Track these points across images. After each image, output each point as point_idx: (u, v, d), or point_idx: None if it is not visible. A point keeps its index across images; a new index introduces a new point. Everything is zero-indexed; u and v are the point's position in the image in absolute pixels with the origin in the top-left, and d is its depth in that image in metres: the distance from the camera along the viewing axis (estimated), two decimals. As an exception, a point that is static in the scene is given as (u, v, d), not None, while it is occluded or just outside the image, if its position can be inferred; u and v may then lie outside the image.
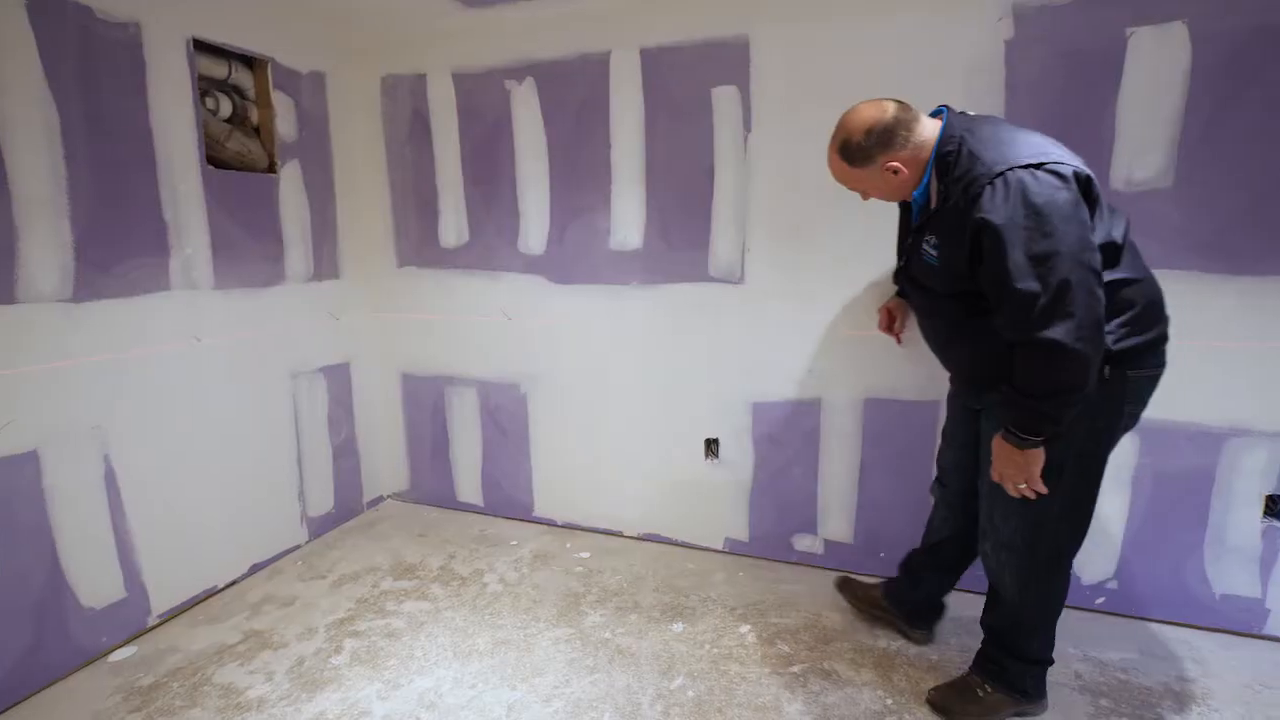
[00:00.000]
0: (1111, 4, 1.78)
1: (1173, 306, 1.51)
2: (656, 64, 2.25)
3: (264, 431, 2.36)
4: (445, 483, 2.83)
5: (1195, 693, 1.67)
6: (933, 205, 1.41)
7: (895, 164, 1.42)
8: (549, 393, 2.59)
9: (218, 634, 2.00)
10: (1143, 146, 1.81)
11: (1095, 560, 2.00)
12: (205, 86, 2.18)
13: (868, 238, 2.09)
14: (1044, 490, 1.39)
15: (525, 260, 2.55)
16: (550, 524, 2.67)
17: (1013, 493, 1.42)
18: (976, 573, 2.16)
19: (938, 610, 1.89)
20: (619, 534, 2.58)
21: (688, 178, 2.27)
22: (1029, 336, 1.26)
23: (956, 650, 1.85)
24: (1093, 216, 1.30)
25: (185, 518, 2.11)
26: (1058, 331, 1.23)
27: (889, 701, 1.67)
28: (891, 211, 2.05)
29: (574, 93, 2.37)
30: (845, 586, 2.04)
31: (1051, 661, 1.60)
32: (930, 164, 1.40)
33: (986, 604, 1.64)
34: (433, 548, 2.51)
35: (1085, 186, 1.29)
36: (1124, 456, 1.92)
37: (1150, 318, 1.39)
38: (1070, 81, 1.84)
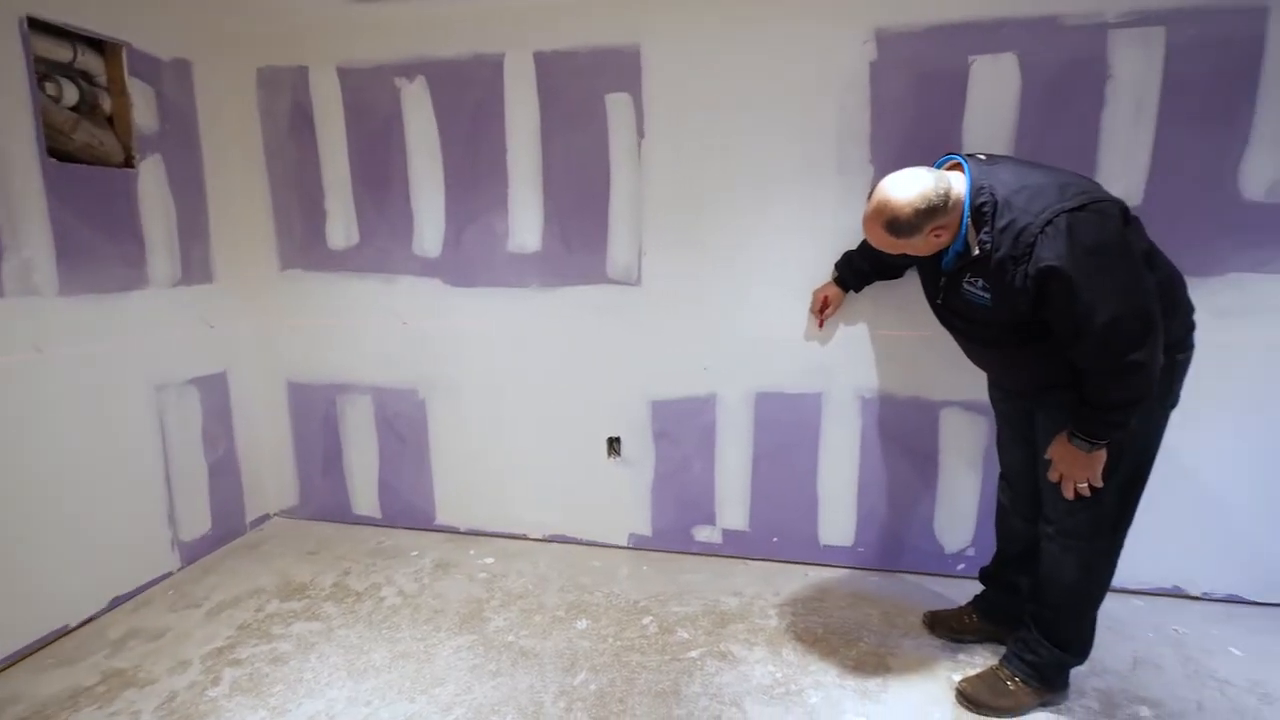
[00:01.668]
0: (956, 34, 2.00)
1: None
2: (551, 68, 2.27)
3: (123, 450, 2.15)
4: (339, 496, 2.70)
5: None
6: (974, 253, 1.46)
7: (940, 229, 1.48)
8: (449, 397, 2.54)
9: (71, 676, 1.80)
10: (985, 161, 2.04)
11: (956, 532, 2.23)
12: (45, 70, 1.96)
13: (756, 240, 2.21)
14: (1100, 485, 1.48)
15: (421, 263, 2.48)
16: (453, 531, 2.61)
17: (1069, 494, 1.50)
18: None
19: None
20: (524, 537, 2.57)
21: (584, 181, 2.31)
22: (1111, 363, 1.35)
23: (839, 621, 2.00)
24: None
25: (27, 551, 1.88)
26: (1136, 355, 1.33)
27: (778, 675, 1.78)
28: (776, 217, 2.19)
29: (468, 93, 2.34)
30: (937, 626, 1.94)
31: (1086, 657, 1.65)
32: (965, 216, 1.47)
33: (1033, 593, 1.68)
34: (325, 565, 2.38)
35: (1124, 214, 1.40)
36: (976, 439, 2.15)
37: (1184, 305, 1.52)
38: (926, 101, 2.04)
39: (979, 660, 1.82)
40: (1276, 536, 2.03)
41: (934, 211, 1.45)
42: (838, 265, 2.11)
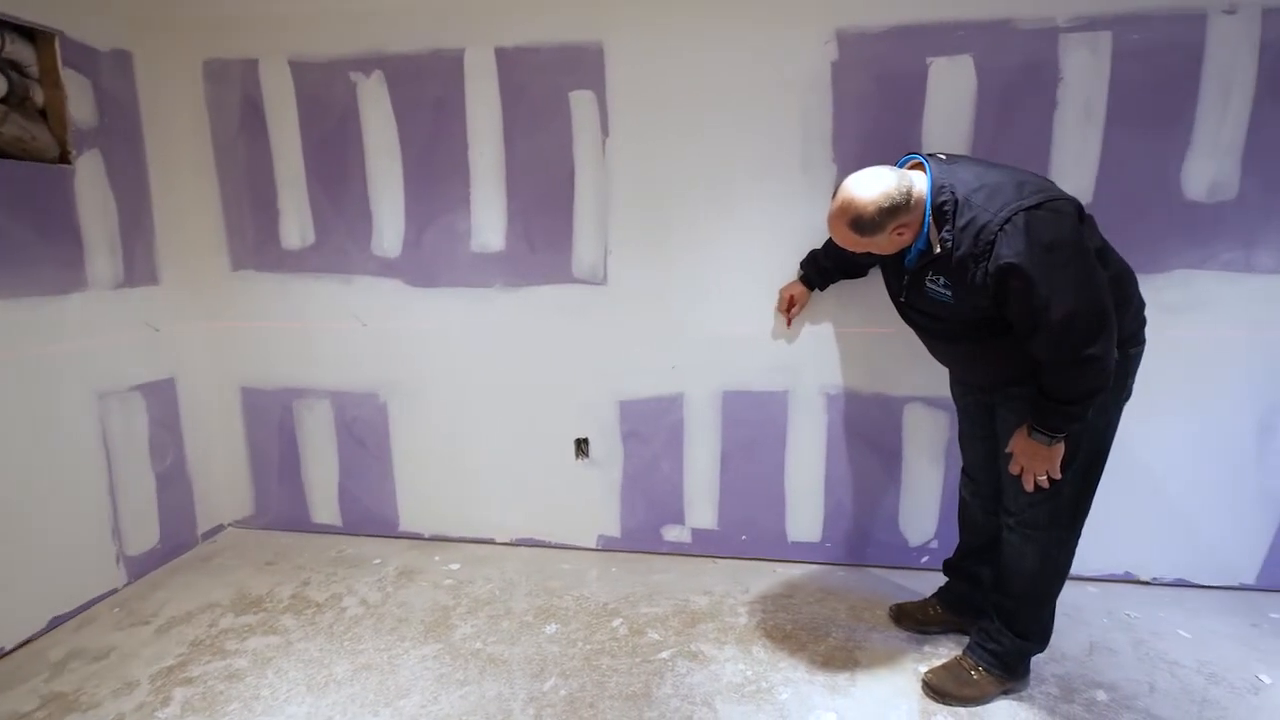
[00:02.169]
0: (914, 35, 2.03)
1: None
2: (513, 64, 2.23)
3: (63, 462, 2.04)
4: (297, 504, 2.61)
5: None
6: (936, 250, 1.49)
7: (903, 227, 1.50)
8: (412, 401, 2.48)
9: (7, 703, 1.70)
10: (943, 161, 2.08)
11: (920, 526, 2.27)
12: (-33, 59, 1.85)
13: (722, 238, 2.21)
14: (1060, 477, 1.52)
15: (380, 263, 2.42)
16: (417, 538, 2.55)
17: (1029, 486, 1.54)
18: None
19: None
20: (491, 541, 2.52)
21: (548, 180, 2.28)
22: (1068, 356, 1.39)
23: (808, 617, 2.02)
24: None
25: (-44, 570, 1.77)
26: (1092, 349, 1.37)
27: (749, 673, 1.78)
28: (742, 215, 2.19)
29: (427, 89, 2.29)
30: (903, 618, 1.97)
31: (1046, 644, 1.69)
32: (927, 215, 1.49)
33: (995, 584, 1.72)
34: (283, 576, 2.30)
35: (1079, 211, 1.43)
36: (938, 433, 2.19)
37: (1136, 300, 1.57)
38: (886, 101, 2.07)
39: (944, 651, 1.85)
40: (1220, 522, 2.12)
41: (896, 210, 1.47)
42: (803, 264, 2.13)
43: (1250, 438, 2.07)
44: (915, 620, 1.96)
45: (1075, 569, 2.21)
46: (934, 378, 2.14)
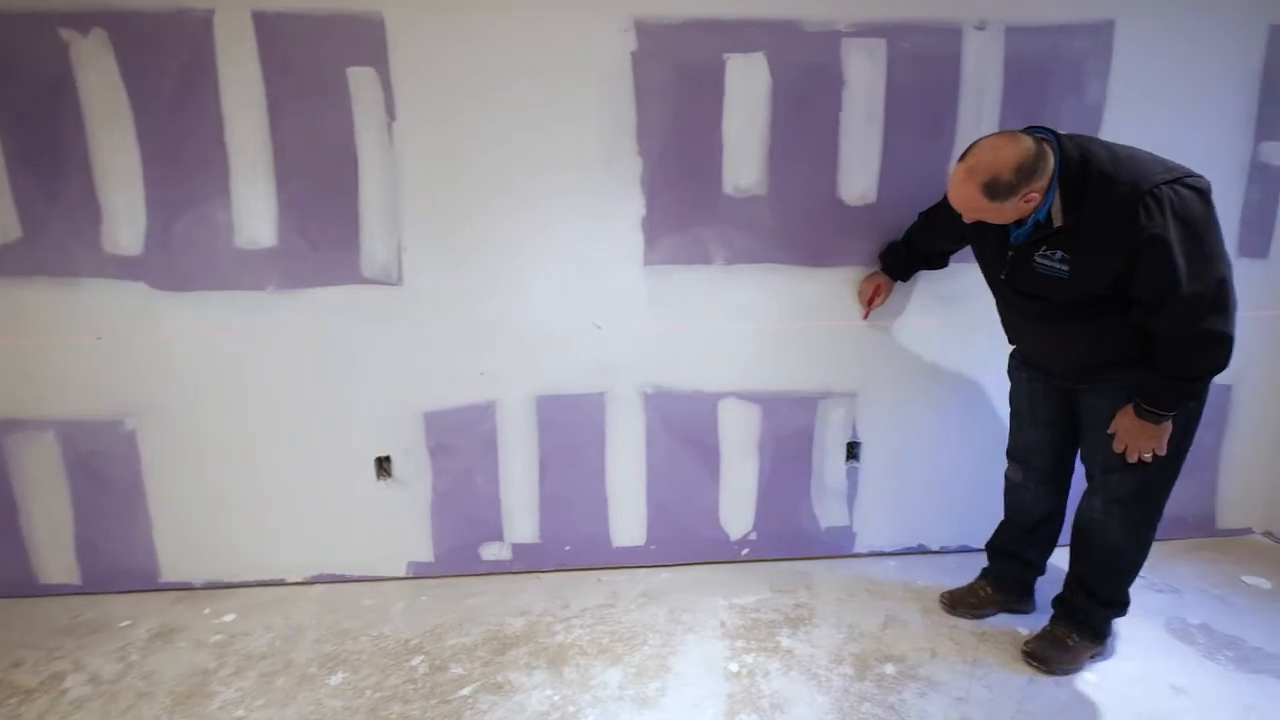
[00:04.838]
0: (711, 30, 2.01)
1: (770, 295, 1.76)
2: (276, 32, 1.92)
3: None
4: (16, 564, 2.10)
5: (804, 615, 2.00)
6: (1056, 224, 1.48)
7: (1033, 193, 1.45)
8: (170, 426, 2.08)
9: None
10: (745, 158, 2.08)
11: (739, 518, 2.30)
12: None
13: (528, 233, 2.07)
14: (1164, 453, 1.55)
15: (117, 263, 2.00)
16: (186, 588, 2.16)
17: (1133, 458, 1.56)
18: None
19: (1034, 580, 1.99)
20: (280, 582, 2.19)
21: (327, 167, 2.00)
22: (1194, 331, 1.41)
23: (626, 627, 1.94)
24: None
25: None
26: (1218, 324, 1.41)
27: (556, 698, 1.66)
28: (547, 208, 2.07)
29: (168, 55, 1.91)
30: (957, 605, 1.99)
31: (1128, 609, 1.77)
32: (1053, 186, 1.45)
33: (1078, 557, 1.77)
34: (-15, 658, 1.83)
35: (1210, 192, 1.44)
36: (750, 427, 2.22)
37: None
38: (688, 95, 2.04)
39: (754, 644, 1.86)
40: (989, 492, 2.32)
41: (1033, 174, 1.44)
42: (882, 256, 2.09)
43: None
44: (969, 605, 1.98)
45: (877, 545, 2.37)
46: (745, 372, 2.17)
